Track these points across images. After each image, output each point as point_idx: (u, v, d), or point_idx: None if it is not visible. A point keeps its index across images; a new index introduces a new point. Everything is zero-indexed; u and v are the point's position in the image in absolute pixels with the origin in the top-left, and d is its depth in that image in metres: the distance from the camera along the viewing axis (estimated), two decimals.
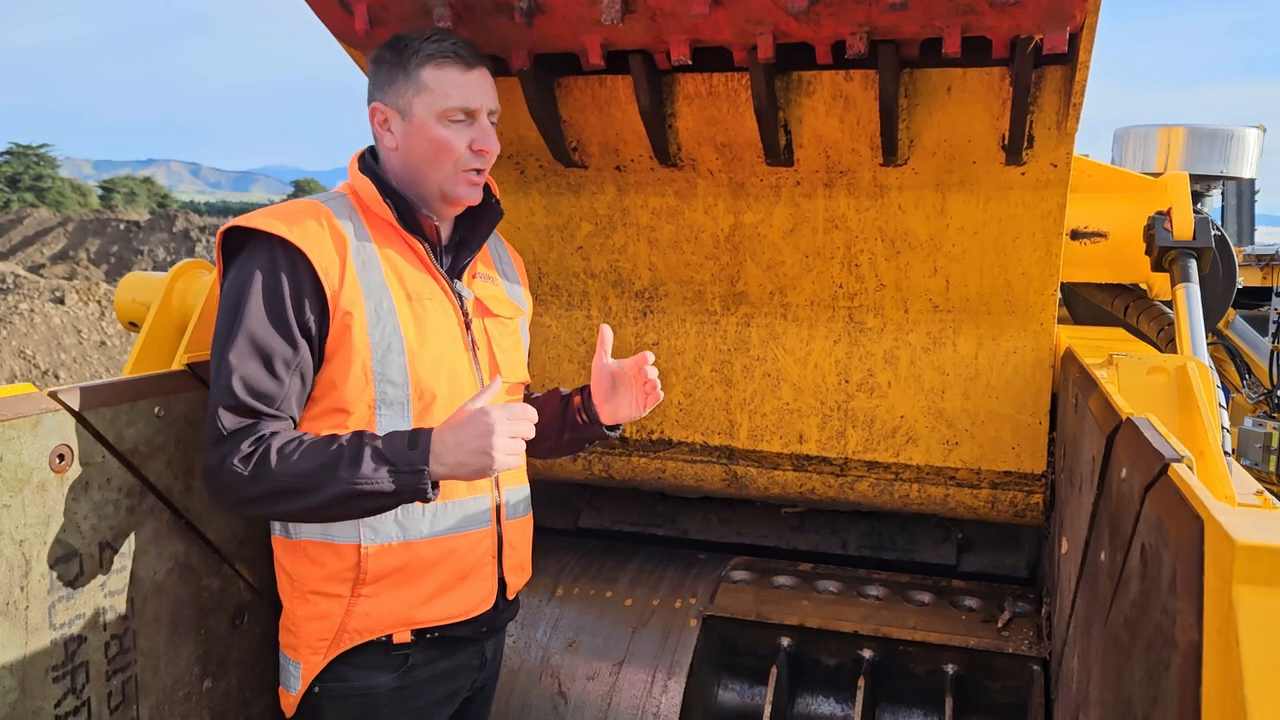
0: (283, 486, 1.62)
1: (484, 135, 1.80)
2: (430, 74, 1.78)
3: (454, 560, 1.83)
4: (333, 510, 1.65)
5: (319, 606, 1.78)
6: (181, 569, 1.89)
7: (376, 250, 1.79)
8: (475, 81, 1.80)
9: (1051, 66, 2.06)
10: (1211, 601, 0.90)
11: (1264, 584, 0.85)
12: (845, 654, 2.39)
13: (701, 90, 2.25)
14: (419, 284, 1.82)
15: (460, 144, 1.78)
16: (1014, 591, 2.51)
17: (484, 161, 1.82)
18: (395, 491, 1.62)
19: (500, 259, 2.10)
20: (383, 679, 1.80)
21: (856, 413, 2.57)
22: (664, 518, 3.07)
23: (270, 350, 1.66)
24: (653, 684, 2.32)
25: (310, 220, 1.72)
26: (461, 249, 1.93)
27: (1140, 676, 1.16)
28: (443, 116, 1.78)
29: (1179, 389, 1.77)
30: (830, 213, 2.40)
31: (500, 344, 1.95)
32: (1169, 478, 1.12)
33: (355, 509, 1.66)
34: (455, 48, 1.79)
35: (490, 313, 1.95)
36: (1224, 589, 0.88)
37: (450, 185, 1.81)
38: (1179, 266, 2.52)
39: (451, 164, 1.79)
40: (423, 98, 1.78)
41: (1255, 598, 0.85)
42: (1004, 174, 2.24)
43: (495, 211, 1.96)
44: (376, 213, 1.81)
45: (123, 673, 1.76)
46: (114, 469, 1.72)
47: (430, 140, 1.78)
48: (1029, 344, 2.44)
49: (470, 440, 1.62)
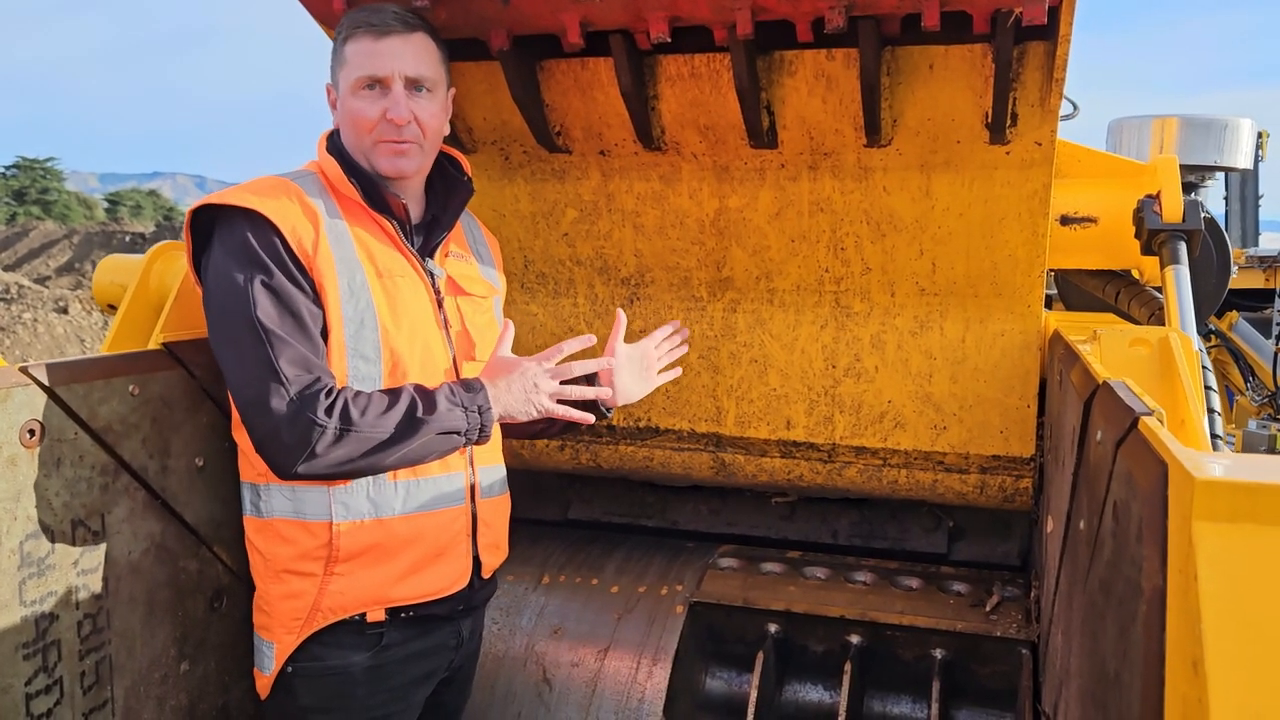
0: (366, 438, 1.64)
1: (394, 103, 1.77)
2: (350, 47, 1.80)
3: (428, 538, 1.82)
4: (408, 457, 1.70)
5: (292, 585, 1.76)
6: (157, 550, 1.87)
7: (348, 227, 1.78)
8: (387, 49, 1.78)
9: (1034, 43, 2.05)
10: (1174, 543, 0.88)
11: (1224, 520, 0.83)
12: (833, 640, 2.36)
13: (684, 72, 2.24)
14: (389, 262, 1.81)
15: (372, 113, 1.77)
16: (1003, 576, 2.49)
17: (397, 131, 1.78)
18: (466, 430, 1.74)
19: (474, 239, 2.09)
20: (357, 658, 1.79)
21: (844, 398, 2.55)
22: (654, 509, 3.05)
23: (297, 308, 1.66)
24: (638, 670, 2.30)
25: (282, 196, 1.72)
26: (433, 227, 1.92)
27: (1112, 635, 1.14)
28: (355, 87, 1.79)
29: (1161, 360, 1.75)
30: (815, 195, 2.39)
31: (473, 322, 1.95)
32: (1138, 431, 1.11)
33: (430, 452, 1.73)
34: (370, 16, 1.79)
35: (462, 291, 1.94)
36: (1185, 529, 0.86)
37: (373, 156, 1.81)
38: (1168, 249, 2.50)
39: (368, 134, 1.79)
40: (344, 71, 1.81)
41: (1214, 534, 0.83)
42: (988, 153, 2.23)
43: (466, 189, 1.96)
44: (344, 192, 1.81)
45: (96, 652, 1.74)
46: (87, 446, 1.70)
47: (348, 112, 1.80)
48: (1017, 326, 2.42)
49: (520, 385, 1.80)
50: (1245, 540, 0.82)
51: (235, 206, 1.67)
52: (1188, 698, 0.82)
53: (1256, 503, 0.82)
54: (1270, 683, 0.75)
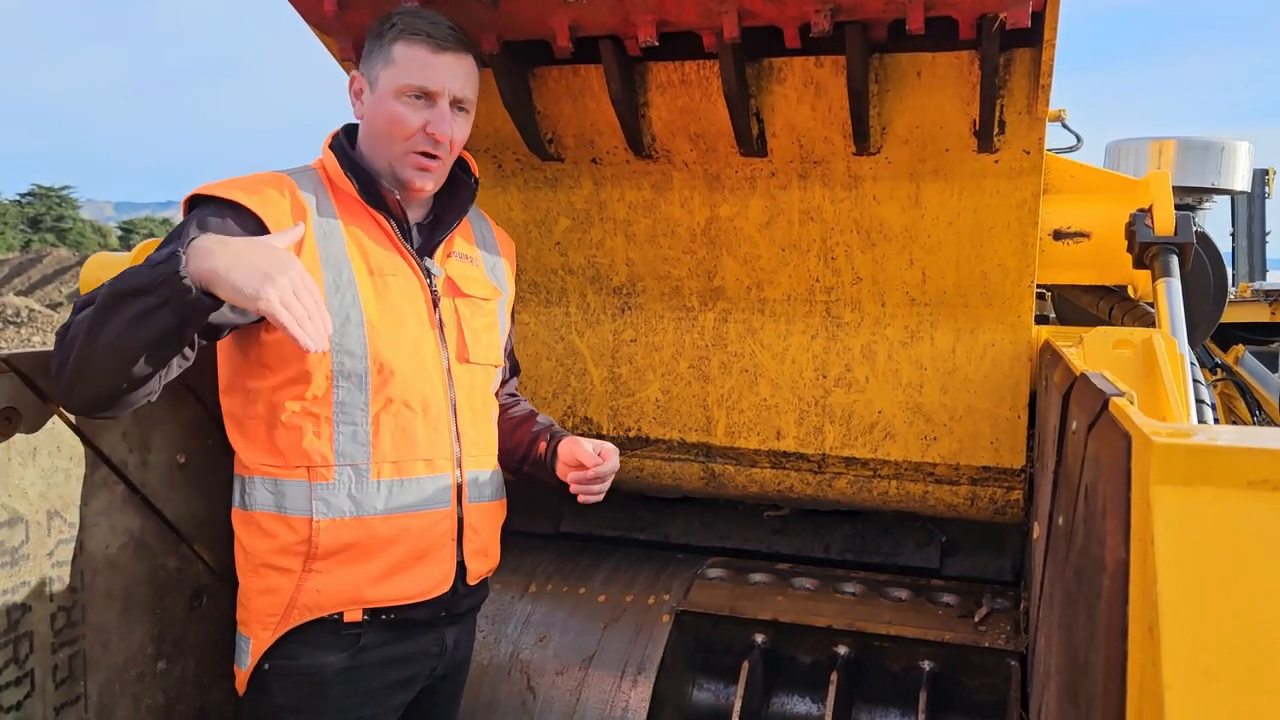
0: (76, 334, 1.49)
1: (439, 119, 1.78)
2: (400, 49, 1.78)
3: (409, 539, 1.80)
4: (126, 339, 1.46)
5: (269, 580, 1.75)
6: (136, 545, 1.86)
7: (341, 224, 1.78)
8: (442, 64, 1.79)
9: (1020, 50, 2.06)
10: (1136, 510, 0.87)
11: (1181, 483, 0.82)
12: (821, 651, 2.33)
13: (674, 79, 2.25)
14: (383, 260, 1.81)
15: (413, 123, 1.77)
16: (993, 589, 2.46)
17: (436, 146, 1.79)
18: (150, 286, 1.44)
19: (483, 238, 2.08)
20: (331, 659, 1.76)
21: (834, 408, 2.54)
22: (646, 522, 3.03)
23: None
24: (622, 679, 2.27)
25: (271, 189, 1.73)
26: (436, 226, 1.92)
27: (1083, 620, 1.12)
28: (401, 92, 1.78)
29: (1144, 360, 1.74)
30: (805, 204, 2.39)
31: (470, 324, 1.93)
32: (1108, 411, 1.09)
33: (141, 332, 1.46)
34: (430, 27, 1.79)
35: (461, 292, 1.93)
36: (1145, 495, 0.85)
37: (400, 165, 1.80)
38: (1160, 262, 2.49)
39: (403, 142, 1.78)
40: (388, 71, 1.79)
41: (1171, 497, 0.82)
42: (977, 162, 2.23)
43: (470, 189, 1.96)
44: (341, 187, 1.82)
45: (70, 646, 1.73)
46: (65, 436, 1.70)
47: (386, 114, 1.79)
48: (1007, 337, 2.41)
49: (258, 260, 1.48)
50: (1201, 503, 0.80)
51: (223, 198, 1.68)
52: (1145, 665, 0.80)
53: (1212, 465, 0.81)
54: (1222, 641, 0.74)
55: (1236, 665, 0.72)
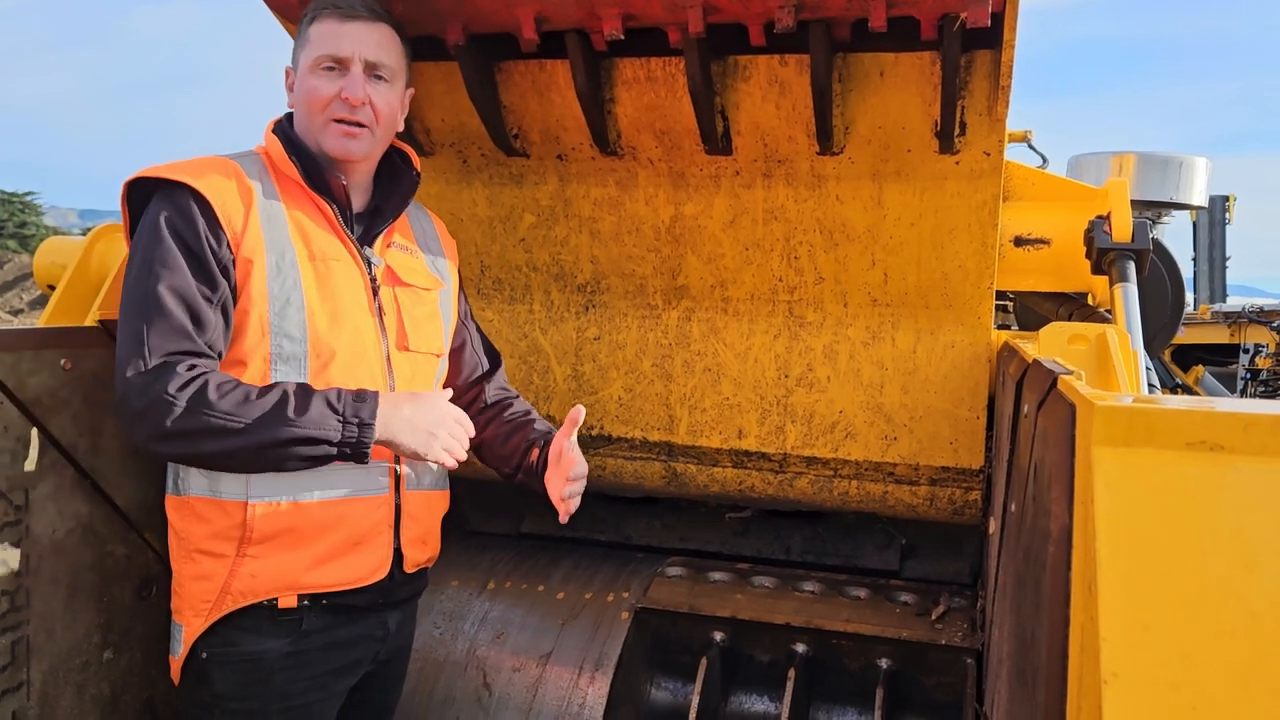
0: (218, 424, 1.58)
1: (352, 83, 1.78)
2: (313, 28, 1.82)
3: (345, 525, 1.78)
4: (266, 455, 1.62)
5: (203, 566, 1.72)
6: (84, 531, 1.83)
7: (284, 209, 1.78)
8: (350, 31, 1.80)
9: (980, 51, 2.09)
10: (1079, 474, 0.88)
11: (1122, 444, 0.83)
12: (779, 649, 2.33)
13: (640, 75, 2.26)
14: (325, 245, 1.80)
15: (327, 91, 1.78)
16: (950, 588, 2.47)
17: (352, 111, 1.79)
18: (339, 442, 1.64)
19: (423, 232, 2.08)
20: (274, 644, 1.74)
21: (795, 408, 2.55)
22: (607, 524, 3.02)
23: (191, 285, 1.64)
24: (580, 676, 2.25)
25: (215, 173, 1.73)
26: (375, 217, 1.92)
27: (1030, 595, 1.13)
28: (314, 66, 1.80)
29: (1097, 354, 1.76)
30: (769, 203, 2.40)
31: (411, 313, 1.93)
32: (1057, 389, 1.11)
33: (291, 456, 1.63)
34: (338, 1, 1.81)
35: (401, 281, 1.92)
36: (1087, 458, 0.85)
37: (323, 136, 1.80)
38: (1117, 268, 2.53)
39: (320, 113, 1.79)
40: (305, 51, 1.82)
41: (1112, 458, 0.83)
42: (938, 163, 2.25)
43: (411, 181, 1.96)
44: (285, 173, 1.81)
45: (13, 631, 1.69)
46: (13, 417, 1.67)
47: (304, 90, 1.81)
48: (967, 338, 2.43)
49: (423, 419, 1.73)
50: (1142, 463, 0.81)
51: (168, 180, 1.67)
52: (1085, 624, 0.81)
53: (1153, 427, 0.82)
54: (1156, 595, 0.74)
55: (1172, 616, 0.73)
